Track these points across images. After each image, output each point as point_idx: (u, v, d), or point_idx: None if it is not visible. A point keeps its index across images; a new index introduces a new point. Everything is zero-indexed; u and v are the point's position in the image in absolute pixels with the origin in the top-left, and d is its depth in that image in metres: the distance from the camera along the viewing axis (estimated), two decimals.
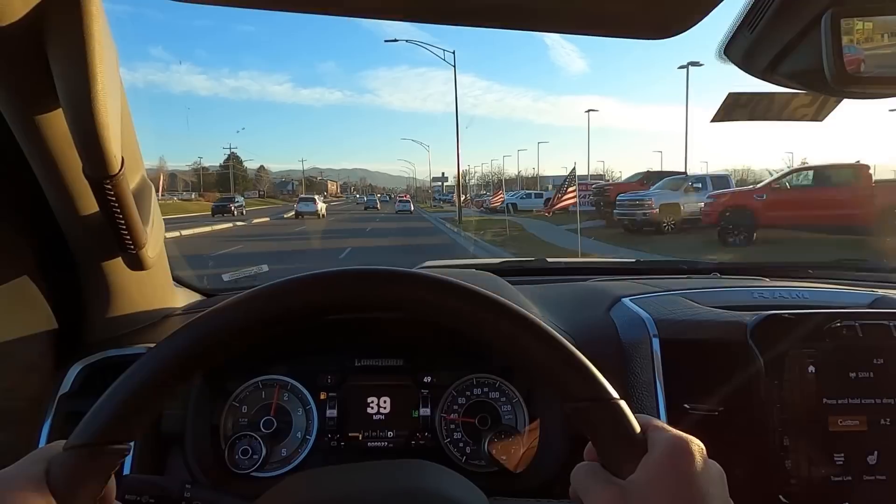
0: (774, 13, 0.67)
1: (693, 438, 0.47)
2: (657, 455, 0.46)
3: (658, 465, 0.45)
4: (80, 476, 0.45)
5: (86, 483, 0.45)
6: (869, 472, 0.83)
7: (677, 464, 0.45)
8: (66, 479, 0.44)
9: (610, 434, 0.48)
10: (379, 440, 0.97)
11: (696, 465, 0.45)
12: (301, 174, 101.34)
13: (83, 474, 0.45)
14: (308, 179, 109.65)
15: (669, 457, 0.45)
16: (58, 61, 0.61)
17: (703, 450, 0.47)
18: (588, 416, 0.48)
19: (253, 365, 0.97)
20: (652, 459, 0.46)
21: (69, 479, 0.45)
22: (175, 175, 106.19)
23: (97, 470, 0.46)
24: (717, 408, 0.86)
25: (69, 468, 0.45)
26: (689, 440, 0.47)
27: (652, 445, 0.47)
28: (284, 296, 0.50)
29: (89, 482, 0.45)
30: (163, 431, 0.90)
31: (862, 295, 1.08)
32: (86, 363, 0.93)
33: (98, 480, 0.46)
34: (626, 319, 0.99)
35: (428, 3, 0.58)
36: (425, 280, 0.51)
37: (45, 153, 0.73)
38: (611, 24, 0.65)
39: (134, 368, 0.47)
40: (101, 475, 0.46)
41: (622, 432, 0.47)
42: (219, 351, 0.49)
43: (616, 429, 0.47)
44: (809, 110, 1.07)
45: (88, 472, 0.45)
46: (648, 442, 0.47)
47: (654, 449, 0.46)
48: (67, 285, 0.92)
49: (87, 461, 0.45)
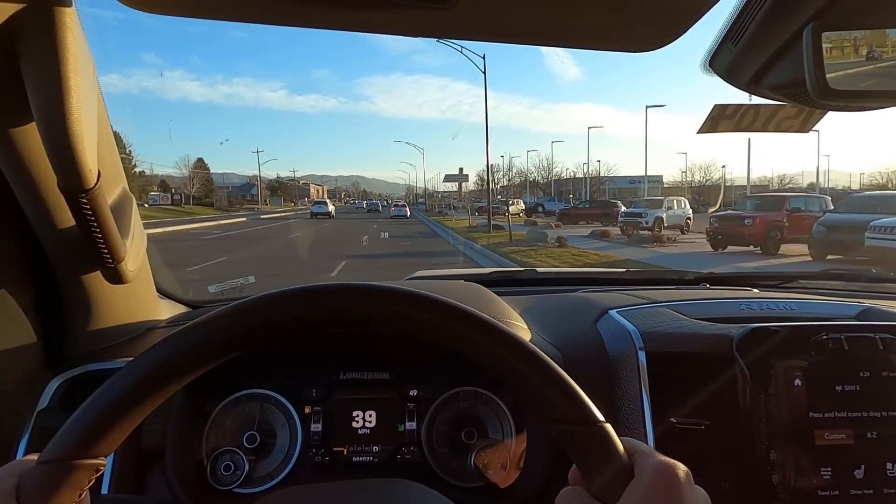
0: (757, 27, 0.68)
1: (679, 464, 0.47)
2: (644, 482, 0.45)
3: (644, 493, 0.45)
4: (52, 492, 0.44)
5: (58, 499, 0.44)
6: (856, 486, 0.83)
7: (663, 490, 0.45)
8: (38, 495, 0.44)
9: (595, 459, 0.47)
10: (364, 454, 0.96)
11: (683, 492, 0.45)
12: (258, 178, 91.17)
13: (55, 490, 0.44)
14: (276, 183, 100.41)
15: (656, 484, 0.45)
16: (31, 74, 0.60)
17: (689, 475, 0.46)
18: (573, 439, 0.47)
19: (236, 379, 0.96)
20: (638, 486, 0.45)
21: (40, 495, 0.44)
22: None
23: (70, 485, 0.45)
24: (703, 421, 0.85)
25: (41, 483, 0.44)
26: (675, 466, 0.46)
27: (638, 471, 0.46)
28: (262, 311, 0.50)
29: (61, 498, 0.44)
30: (143, 447, 0.88)
31: (849, 306, 1.08)
32: (65, 378, 0.92)
33: (70, 496, 0.45)
34: (612, 332, 0.99)
35: (419, 19, 0.58)
36: (410, 297, 0.51)
37: (19, 166, 0.72)
38: (594, 37, 0.65)
39: (110, 382, 0.46)
40: (74, 491, 0.45)
41: (608, 457, 0.47)
42: (198, 366, 0.48)
43: (602, 453, 0.47)
44: (795, 122, 1.07)
45: (61, 487, 0.44)
46: (635, 468, 0.46)
47: (641, 475, 0.46)
48: (47, 298, 0.90)
49: (60, 476, 0.44)
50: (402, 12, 0.56)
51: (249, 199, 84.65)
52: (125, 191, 0.89)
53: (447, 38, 0.64)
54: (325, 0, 0.54)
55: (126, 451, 0.87)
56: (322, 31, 0.60)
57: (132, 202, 0.91)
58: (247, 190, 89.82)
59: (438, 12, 0.55)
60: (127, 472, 0.86)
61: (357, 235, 21.25)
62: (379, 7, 0.55)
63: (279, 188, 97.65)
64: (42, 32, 0.58)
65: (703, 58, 0.80)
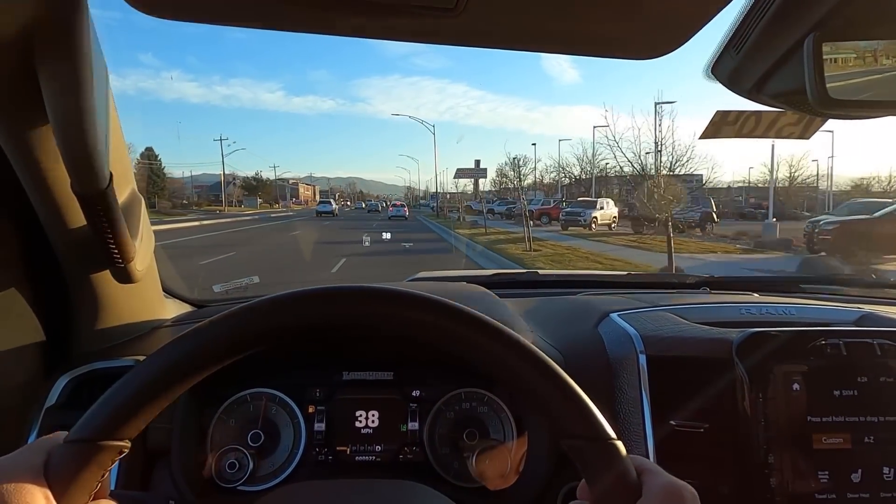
0: (759, 35, 0.68)
1: (687, 486, 0.47)
2: (651, 502, 0.46)
3: None
4: (78, 470, 0.46)
5: (83, 477, 0.46)
6: (853, 490, 0.84)
7: None
8: (65, 472, 0.45)
9: (604, 476, 0.47)
10: (367, 454, 0.97)
11: None
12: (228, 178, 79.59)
13: (81, 468, 0.46)
14: (255, 181, 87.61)
15: None
16: (47, 78, 0.61)
17: (696, 496, 0.47)
18: (583, 455, 0.48)
19: (240, 378, 0.97)
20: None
21: (67, 472, 0.45)
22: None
23: (95, 465, 0.46)
24: (702, 424, 0.86)
25: (68, 461, 0.46)
26: (682, 487, 0.47)
27: (646, 491, 0.47)
28: (303, 304, 0.51)
29: (86, 477, 0.46)
30: (149, 445, 0.89)
31: (849, 312, 1.09)
32: (73, 375, 0.93)
33: (95, 476, 0.46)
34: (613, 335, 1.00)
35: (425, 26, 0.59)
36: (418, 301, 0.52)
37: (33, 168, 0.73)
38: (598, 45, 0.66)
39: (141, 367, 0.48)
40: (98, 470, 0.47)
41: (617, 475, 0.47)
42: (226, 357, 0.50)
43: (611, 471, 0.47)
44: (796, 129, 1.08)
45: (86, 466, 0.46)
46: (643, 486, 0.47)
47: (648, 495, 0.46)
48: (55, 297, 0.92)
49: (86, 456, 0.46)
50: (408, 19, 0.57)
51: (226, 198, 76.14)
52: (134, 191, 0.90)
53: (452, 44, 0.65)
54: (332, 6, 0.55)
55: (132, 448, 0.87)
56: (324, 35, 0.61)
57: (141, 203, 0.92)
58: (215, 190, 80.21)
59: (444, 19, 0.56)
60: (133, 470, 0.87)
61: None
62: (384, 14, 0.56)
63: (258, 187, 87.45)
64: (58, 36, 0.59)
65: (706, 64, 0.81)
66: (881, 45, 0.65)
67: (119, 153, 0.82)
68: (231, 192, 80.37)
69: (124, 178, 0.86)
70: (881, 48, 0.65)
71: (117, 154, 0.79)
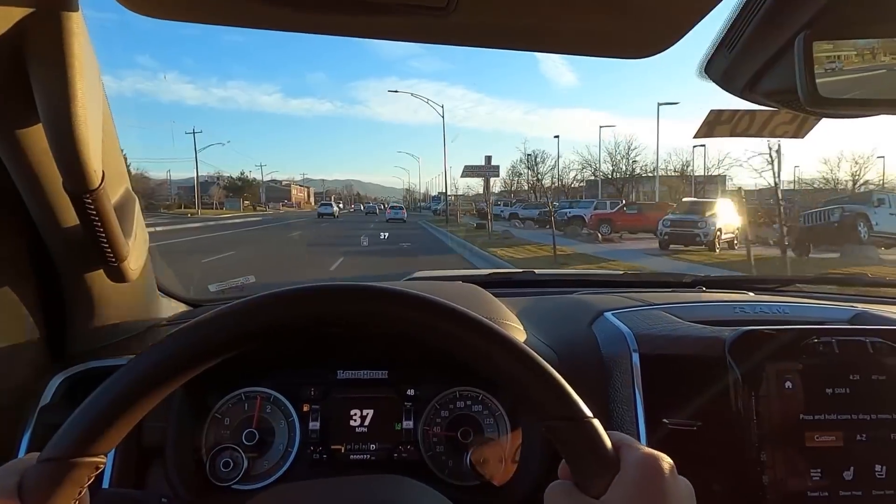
0: (751, 34, 0.69)
1: (663, 455, 0.48)
2: (629, 474, 0.47)
3: (629, 485, 0.46)
4: (52, 489, 0.45)
5: (58, 496, 0.45)
6: (845, 488, 0.84)
7: (648, 482, 0.46)
8: (39, 493, 0.44)
9: (583, 453, 0.48)
10: (361, 453, 0.97)
11: (667, 483, 0.46)
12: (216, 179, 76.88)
13: (56, 487, 0.45)
14: (239, 181, 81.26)
15: (641, 476, 0.46)
16: (38, 78, 0.61)
17: (673, 467, 0.48)
18: (562, 435, 0.49)
19: (235, 377, 0.97)
20: (624, 479, 0.47)
21: (41, 493, 0.44)
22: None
23: (71, 483, 0.45)
24: (695, 423, 0.86)
25: (42, 481, 0.45)
26: (659, 457, 0.48)
27: (624, 464, 0.48)
28: (267, 309, 0.50)
29: (62, 495, 0.45)
30: (143, 444, 0.89)
31: (842, 310, 1.10)
32: (67, 375, 0.92)
33: (71, 494, 0.46)
34: (607, 334, 1.00)
35: (417, 25, 0.59)
36: (402, 297, 0.51)
37: (25, 167, 0.73)
38: (590, 44, 0.66)
39: (109, 382, 0.47)
40: (74, 488, 0.46)
41: (595, 451, 0.48)
42: (193, 366, 0.49)
43: (589, 448, 0.48)
44: (790, 127, 1.09)
45: (61, 485, 0.45)
46: (621, 461, 0.48)
47: (626, 468, 0.47)
48: (50, 296, 0.91)
49: (61, 474, 0.45)
50: (400, 18, 0.57)
51: (207, 199, 72.63)
52: (128, 191, 0.90)
53: (444, 44, 0.65)
54: (324, 5, 0.55)
55: (127, 447, 0.88)
56: (317, 35, 0.61)
57: (135, 202, 0.92)
58: (204, 189, 74.20)
59: (436, 19, 0.57)
60: (127, 468, 0.87)
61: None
62: (377, 13, 0.56)
63: (243, 188, 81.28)
64: (49, 36, 0.59)
65: (699, 64, 0.81)
66: (871, 44, 0.66)
67: (112, 153, 0.82)
68: (213, 192, 77.31)
69: (118, 178, 0.86)
70: (871, 47, 0.66)
71: (110, 154, 0.79)
